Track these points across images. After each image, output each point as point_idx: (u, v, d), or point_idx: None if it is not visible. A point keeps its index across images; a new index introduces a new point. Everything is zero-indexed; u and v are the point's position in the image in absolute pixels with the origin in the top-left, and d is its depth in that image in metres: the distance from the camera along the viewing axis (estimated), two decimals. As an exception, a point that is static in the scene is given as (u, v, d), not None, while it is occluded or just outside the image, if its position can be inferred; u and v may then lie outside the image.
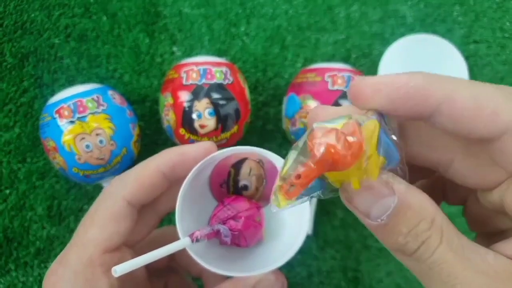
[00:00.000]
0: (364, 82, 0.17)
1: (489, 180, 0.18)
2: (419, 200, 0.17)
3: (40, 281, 0.43)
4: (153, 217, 0.27)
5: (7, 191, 0.44)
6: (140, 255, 0.22)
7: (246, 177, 0.27)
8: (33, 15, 0.47)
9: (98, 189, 0.44)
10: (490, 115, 0.16)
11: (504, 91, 0.16)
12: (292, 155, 0.16)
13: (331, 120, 0.16)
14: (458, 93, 0.16)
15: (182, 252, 0.23)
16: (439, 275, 0.16)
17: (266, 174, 0.27)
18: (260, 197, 0.27)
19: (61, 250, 0.43)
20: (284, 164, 0.16)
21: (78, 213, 0.44)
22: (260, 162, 0.26)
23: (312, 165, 0.15)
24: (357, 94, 0.17)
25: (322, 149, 0.15)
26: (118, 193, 0.24)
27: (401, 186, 0.17)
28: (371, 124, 0.16)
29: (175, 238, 0.24)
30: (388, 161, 0.16)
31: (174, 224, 0.24)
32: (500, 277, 0.16)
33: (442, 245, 0.16)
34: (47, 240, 0.44)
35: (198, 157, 0.24)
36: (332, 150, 0.15)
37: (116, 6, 0.48)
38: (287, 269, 0.46)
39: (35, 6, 0.48)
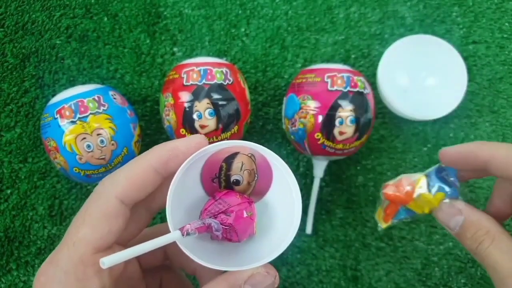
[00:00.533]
0: (447, 149, 0.29)
1: None
2: (477, 218, 0.27)
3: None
4: (144, 214, 0.27)
5: (8, 191, 0.44)
6: None
7: (238, 171, 0.27)
8: (34, 15, 0.48)
9: (99, 189, 0.45)
10: None
11: None
12: (381, 197, 0.30)
13: (394, 179, 0.30)
14: (497, 153, 0.26)
15: (176, 249, 0.23)
16: (492, 265, 0.25)
17: (257, 168, 0.26)
18: (252, 192, 0.27)
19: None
20: (378, 204, 0.31)
21: (79, 212, 0.45)
22: (252, 157, 0.26)
23: (389, 203, 0.30)
24: (443, 155, 0.29)
25: (386, 195, 0.29)
26: (110, 192, 0.23)
27: (465, 208, 0.27)
28: (418, 178, 0.29)
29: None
30: (447, 195, 0.28)
31: (166, 222, 0.24)
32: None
33: (491, 245, 0.25)
34: (48, 239, 0.44)
35: (190, 151, 0.24)
36: (392, 195, 0.29)
37: (117, 6, 0.48)
38: (287, 268, 0.46)
39: (36, 6, 0.48)
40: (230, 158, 0.26)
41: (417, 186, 0.29)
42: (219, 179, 0.27)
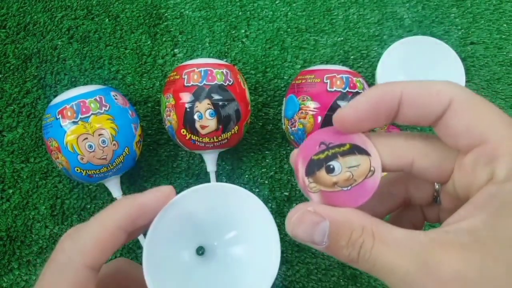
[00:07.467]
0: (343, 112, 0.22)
1: (445, 169, 0.21)
2: (345, 217, 0.20)
3: (43, 279, 0.43)
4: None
5: (10, 191, 0.45)
6: None
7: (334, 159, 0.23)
8: (36, 16, 0.48)
9: (101, 188, 0.45)
10: (435, 95, 0.20)
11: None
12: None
13: None
14: (408, 89, 0.20)
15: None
16: (383, 268, 0.18)
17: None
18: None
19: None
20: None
21: (81, 212, 0.45)
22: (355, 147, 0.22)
23: None
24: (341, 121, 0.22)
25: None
26: (78, 262, 0.21)
27: (327, 211, 0.20)
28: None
29: (130, 272, 0.24)
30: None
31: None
32: (405, 244, 0.18)
33: (375, 245, 0.19)
34: (50, 239, 0.44)
35: (159, 206, 0.23)
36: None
37: (119, 8, 0.49)
38: (286, 267, 0.46)
39: (38, 8, 0.48)
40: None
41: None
42: (327, 148, 0.23)
